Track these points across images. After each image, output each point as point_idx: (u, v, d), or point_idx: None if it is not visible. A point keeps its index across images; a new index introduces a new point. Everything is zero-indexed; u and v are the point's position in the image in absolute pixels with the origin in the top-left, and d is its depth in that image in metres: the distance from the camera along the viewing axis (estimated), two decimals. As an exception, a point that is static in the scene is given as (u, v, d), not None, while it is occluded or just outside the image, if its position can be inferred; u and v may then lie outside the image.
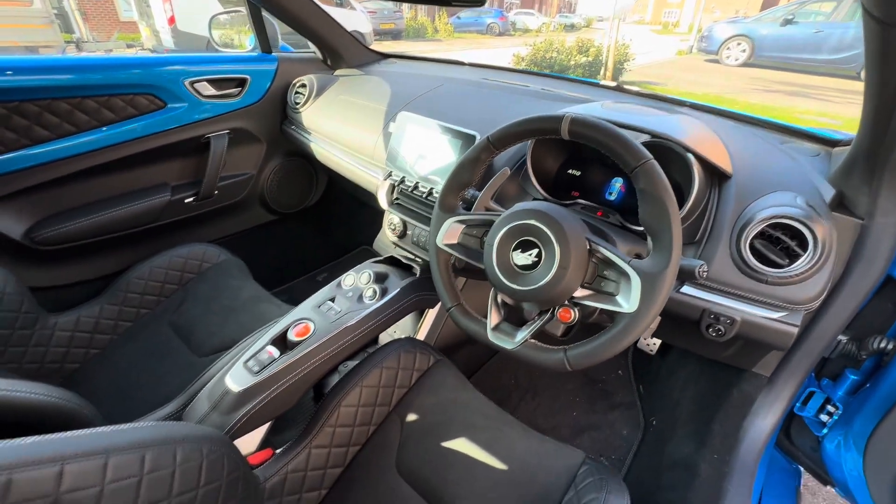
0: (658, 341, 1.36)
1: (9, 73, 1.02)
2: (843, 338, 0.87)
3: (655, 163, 0.57)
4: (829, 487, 1.36)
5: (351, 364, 0.91)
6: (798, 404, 0.97)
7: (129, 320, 1.16)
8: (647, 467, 1.10)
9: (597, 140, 0.62)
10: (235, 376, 0.80)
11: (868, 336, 0.80)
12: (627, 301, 0.58)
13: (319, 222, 1.90)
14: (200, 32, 6.04)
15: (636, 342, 1.43)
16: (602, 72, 7.93)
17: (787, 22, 8.81)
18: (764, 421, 0.90)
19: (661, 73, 9.59)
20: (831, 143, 0.88)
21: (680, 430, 1.06)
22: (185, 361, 1.05)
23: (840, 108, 6.04)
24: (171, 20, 6.43)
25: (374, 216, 1.76)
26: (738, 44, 9.67)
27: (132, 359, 1.08)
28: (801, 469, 1.10)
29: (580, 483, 0.73)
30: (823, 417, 0.93)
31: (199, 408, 0.80)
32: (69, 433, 0.48)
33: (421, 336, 1.13)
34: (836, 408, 0.91)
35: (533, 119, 0.67)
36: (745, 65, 9.61)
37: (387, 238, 1.15)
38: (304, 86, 1.47)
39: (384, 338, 1.11)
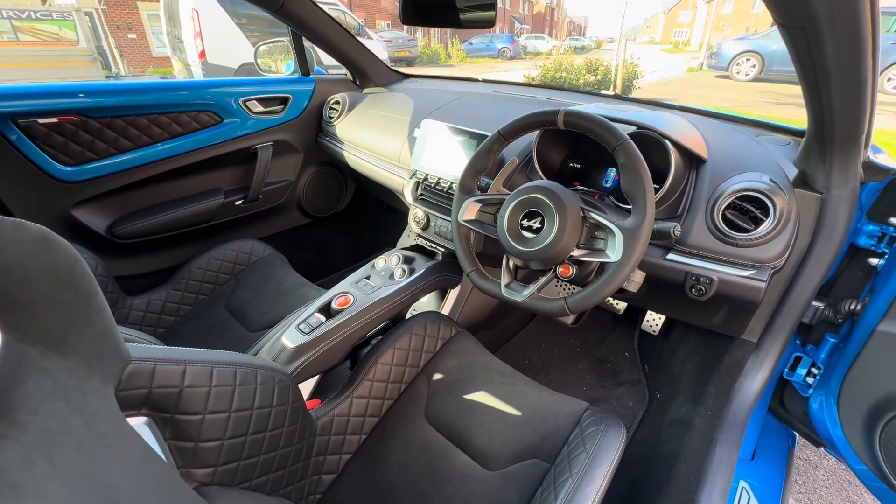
0: (661, 321, 1.47)
1: (106, 94, 1.24)
2: (820, 305, 0.98)
3: (631, 141, 0.72)
4: (827, 457, 1.43)
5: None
6: (787, 370, 1.06)
7: (189, 304, 1.33)
8: (650, 430, 1.20)
9: (585, 127, 0.77)
10: (290, 336, 0.96)
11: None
12: (614, 252, 0.72)
13: (348, 226, 2.09)
14: (228, 65, 6.39)
15: (641, 324, 1.54)
16: (611, 89, 8.03)
17: (797, 37, 8.90)
18: (753, 382, 1.00)
19: (671, 90, 9.72)
20: (800, 133, 1.02)
21: (680, 396, 1.16)
22: (240, 336, 1.21)
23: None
24: (202, 54, 6.84)
25: (397, 221, 1.94)
26: (748, 59, 9.79)
27: (194, 336, 1.24)
28: (796, 435, 1.19)
29: (584, 422, 0.85)
30: (809, 380, 1.03)
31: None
32: (188, 348, 0.64)
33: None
34: (819, 369, 1.00)
35: (535, 113, 0.83)
36: (755, 80, 9.71)
37: (410, 237, 1.31)
38: (337, 102, 1.67)
39: (410, 315, 1.25)
